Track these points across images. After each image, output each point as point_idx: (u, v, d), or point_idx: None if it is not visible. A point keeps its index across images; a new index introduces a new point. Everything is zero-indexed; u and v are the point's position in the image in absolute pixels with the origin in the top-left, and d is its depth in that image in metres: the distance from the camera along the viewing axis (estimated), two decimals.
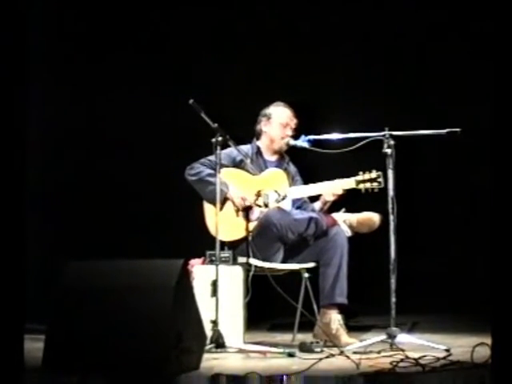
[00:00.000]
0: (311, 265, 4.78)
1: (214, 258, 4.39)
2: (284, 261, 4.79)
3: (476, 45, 5.45)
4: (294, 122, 4.99)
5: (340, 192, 4.81)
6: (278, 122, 4.99)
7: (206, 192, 4.75)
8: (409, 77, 5.84)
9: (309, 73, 5.93)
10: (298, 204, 4.99)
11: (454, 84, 5.75)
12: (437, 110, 5.70)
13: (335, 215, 4.80)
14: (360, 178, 4.76)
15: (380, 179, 4.71)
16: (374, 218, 4.78)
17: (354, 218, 4.78)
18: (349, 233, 4.75)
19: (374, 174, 4.74)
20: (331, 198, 4.85)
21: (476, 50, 5.44)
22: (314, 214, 4.79)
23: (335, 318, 4.61)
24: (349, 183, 4.78)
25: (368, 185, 4.74)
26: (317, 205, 4.95)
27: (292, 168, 5.09)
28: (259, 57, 5.95)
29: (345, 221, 4.77)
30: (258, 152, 5.03)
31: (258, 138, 5.07)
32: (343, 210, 4.83)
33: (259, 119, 5.05)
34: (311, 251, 4.75)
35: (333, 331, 4.57)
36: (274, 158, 5.06)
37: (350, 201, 4.83)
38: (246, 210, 4.71)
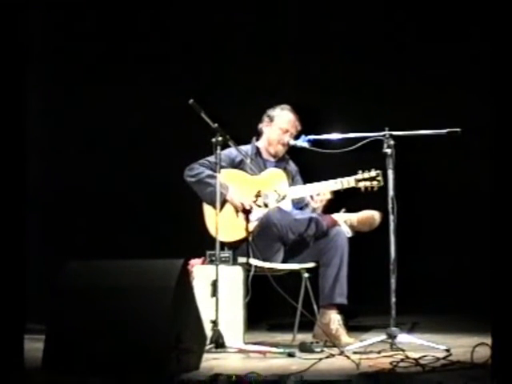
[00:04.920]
0: (311, 265, 4.77)
1: (213, 258, 4.39)
2: (284, 261, 4.78)
3: (476, 45, 5.43)
4: (295, 129, 4.96)
5: (329, 195, 4.79)
6: (278, 127, 4.98)
7: (205, 194, 4.74)
8: (409, 76, 5.83)
9: (309, 73, 5.93)
10: (299, 205, 4.98)
11: (454, 84, 5.75)
12: (437, 110, 5.69)
13: (336, 216, 4.79)
14: (360, 176, 4.76)
15: (379, 178, 4.71)
16: (374, 215, 4.77)
17: (355, 217, 4.78)
18: (349, 233, 4.74)
19: (373, 173, 4.75)
20: (326, 197, 4.81)
21: (476, 49, 5.43)
22: (314, 215, 4.78)
23: (335, 318, 4.61)
24: (348, 182, 4.78)
25: (368, 183, 4.74)
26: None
27: (292, 168, 5.08)
28: (260, 57, 5.95)
29: (345, 221, 4.77)
30: (258, 152, 5.02)
31: (258, 138, 5.06)
32: (343, 210, 4.83)
33: (263, 118, 5.04)
34: (311, 251, 4.75)
35: (333, 331, 4.57)
36: (273, 158, 5.05)
37: (350, 201, 4.83)
38: (246, 212, 4.70)
